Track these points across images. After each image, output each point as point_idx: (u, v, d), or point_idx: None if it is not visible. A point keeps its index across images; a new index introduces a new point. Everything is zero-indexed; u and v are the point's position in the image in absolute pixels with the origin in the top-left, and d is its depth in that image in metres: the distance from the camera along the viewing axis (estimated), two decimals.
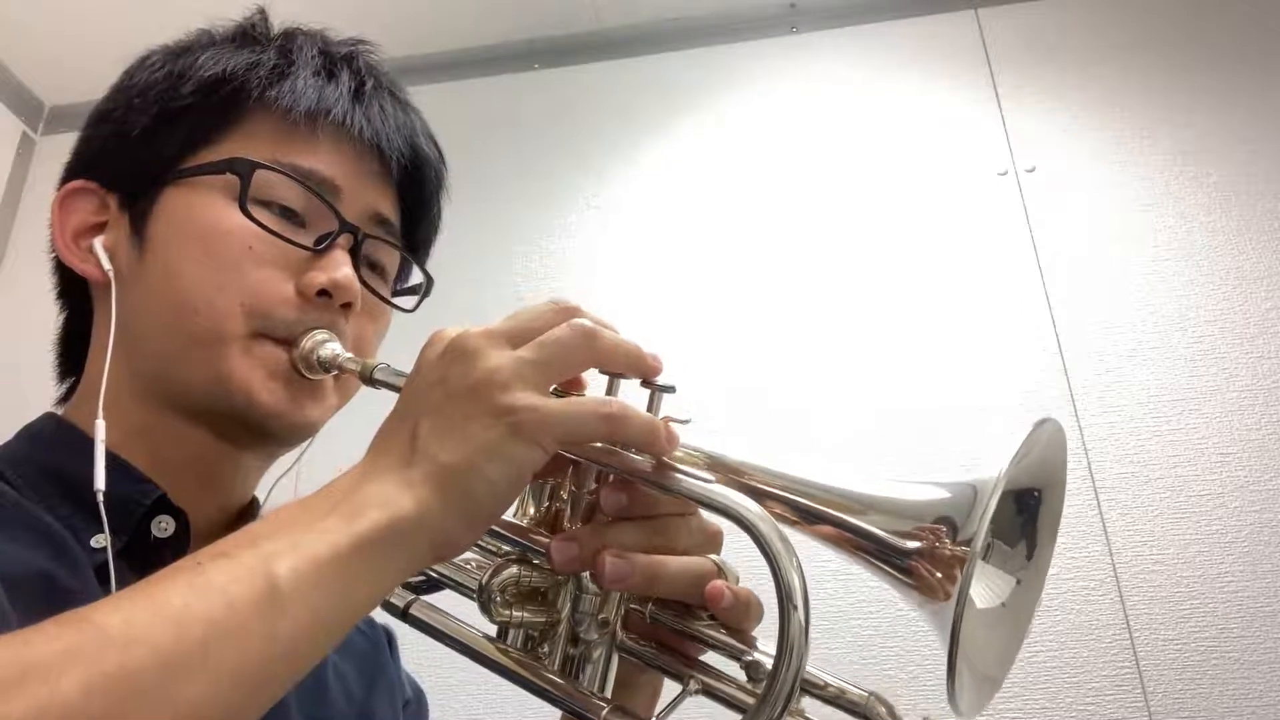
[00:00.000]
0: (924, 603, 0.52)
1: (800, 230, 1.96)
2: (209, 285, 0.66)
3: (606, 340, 0.54)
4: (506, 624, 0.60)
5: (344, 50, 0.77)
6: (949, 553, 0.50)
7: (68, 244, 0.71)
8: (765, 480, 0.57)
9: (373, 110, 0.74)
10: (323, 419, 0.71)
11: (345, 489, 0.51)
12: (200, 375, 0.66)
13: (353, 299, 0.69)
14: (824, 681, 0.55)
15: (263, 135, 0.70)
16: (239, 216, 0.67)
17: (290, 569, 0.45)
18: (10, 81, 2.32)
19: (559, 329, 0.54)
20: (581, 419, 0.52)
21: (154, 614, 0.42)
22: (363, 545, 0.47)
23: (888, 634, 1.55)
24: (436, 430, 0.51)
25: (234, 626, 0.43)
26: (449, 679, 1.56)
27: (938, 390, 1.73)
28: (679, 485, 0.53)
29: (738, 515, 0.51)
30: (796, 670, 0.49)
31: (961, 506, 0.51)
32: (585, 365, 0.55)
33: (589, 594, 0.58)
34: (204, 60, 0.72)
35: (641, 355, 0.56)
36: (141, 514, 0.64)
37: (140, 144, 0.70)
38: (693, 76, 2.20)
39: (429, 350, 0.55)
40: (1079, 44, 2.04)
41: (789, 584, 0.49)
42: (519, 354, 0.52)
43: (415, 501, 0.49)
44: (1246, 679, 1.44)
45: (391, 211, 0.77)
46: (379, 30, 0.84)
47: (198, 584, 0.44)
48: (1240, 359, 1.68)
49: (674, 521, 0.58)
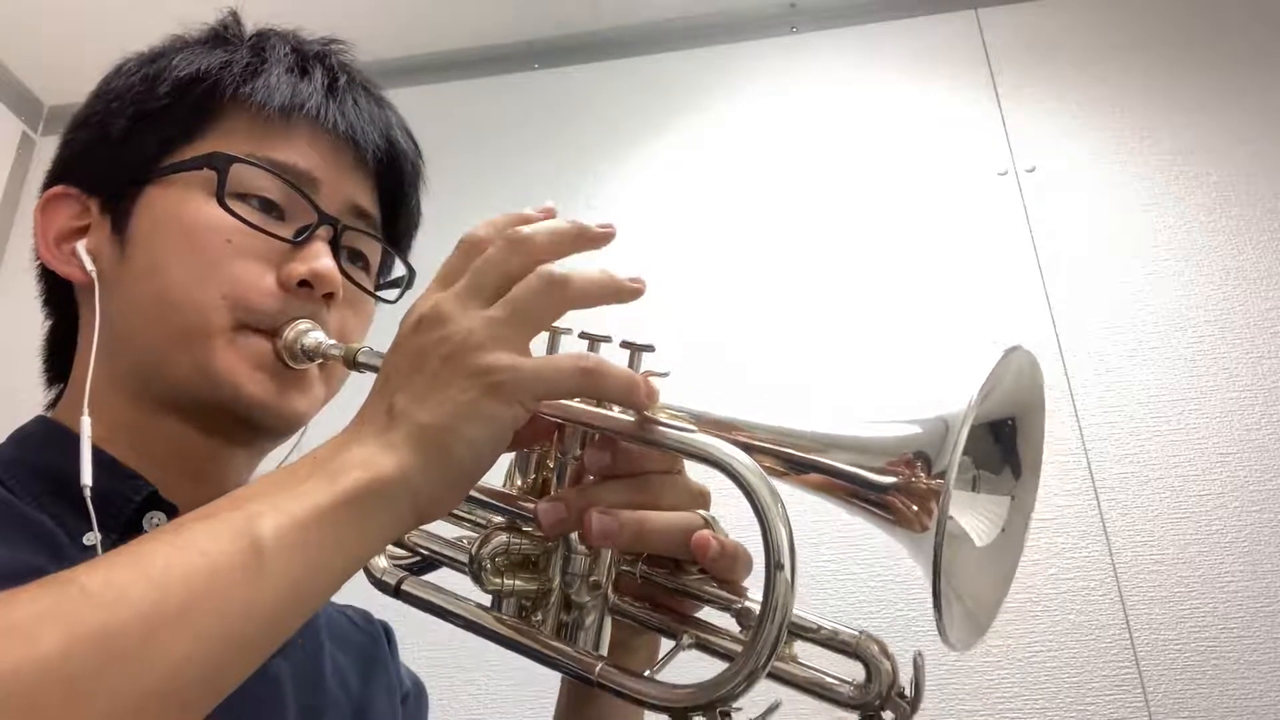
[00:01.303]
0: (908, 538, 0.52)
1: (800, 230, 1.96)
2: (190, 279, 0.66)
3: (578, 282, 0.54)
4: (499, 592, 0.60)
5: (316, 48, 0.77)
6: (924, 486, 0.51)
7: (51, 249, 0.72)
8: (747, 433, 0.57)
9: (346, 104, 0.75)
10: (310, 410, 0.72)
11: (327, 453, 0.51)
12: (186, 369, 0.66)
13: (334, 289, 0.70)
14: (815, 624, 0.55)
15: (239, 132, 0.71)
16: (218, 210, 0.67)
17: (273, 529, 0.45)
18: (10, 81, 2.32)
19: (526, 281, 0.53)
20: (559, 375, 0.52)
21: (136, 574, 0.42)
22: (345, 505, 0.47)
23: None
24: (416, 395, 0.51)
25: (217, 587, 0.43)
26: (451, 679, 1.56)
27: (938, 390, 1.73)
28: (661, 437, 0.53)
29: (721, 461, 0.51)
30: (783, 616, 0.49)
31: (934, 440, 0.52)
32: (560, 312, 0.55)
33: (578, 555, 0.58)
34: (178, 61, 0.72)
35: (617, 281, 0.56)
36: (133, 510, 0.64)
37: (119, 146, 0.71)
38: (693, 76, 2.20)
39: (405, 322, 0.56)
40: (1079, 44, 2.04)
41: (774, 530, 0.50)
42: (490, 313, 0.52)
43: (396, 461, 0.49)
44: (1246, 679, 1.44)
45: (370, 204, 0.77)
46: (379, 30, 0.84)
47: (179, 544, 0.44)
48: (1240, 359, 1.68)
49: (660, 479, 0.58)
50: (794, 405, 1.76)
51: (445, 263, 0.57)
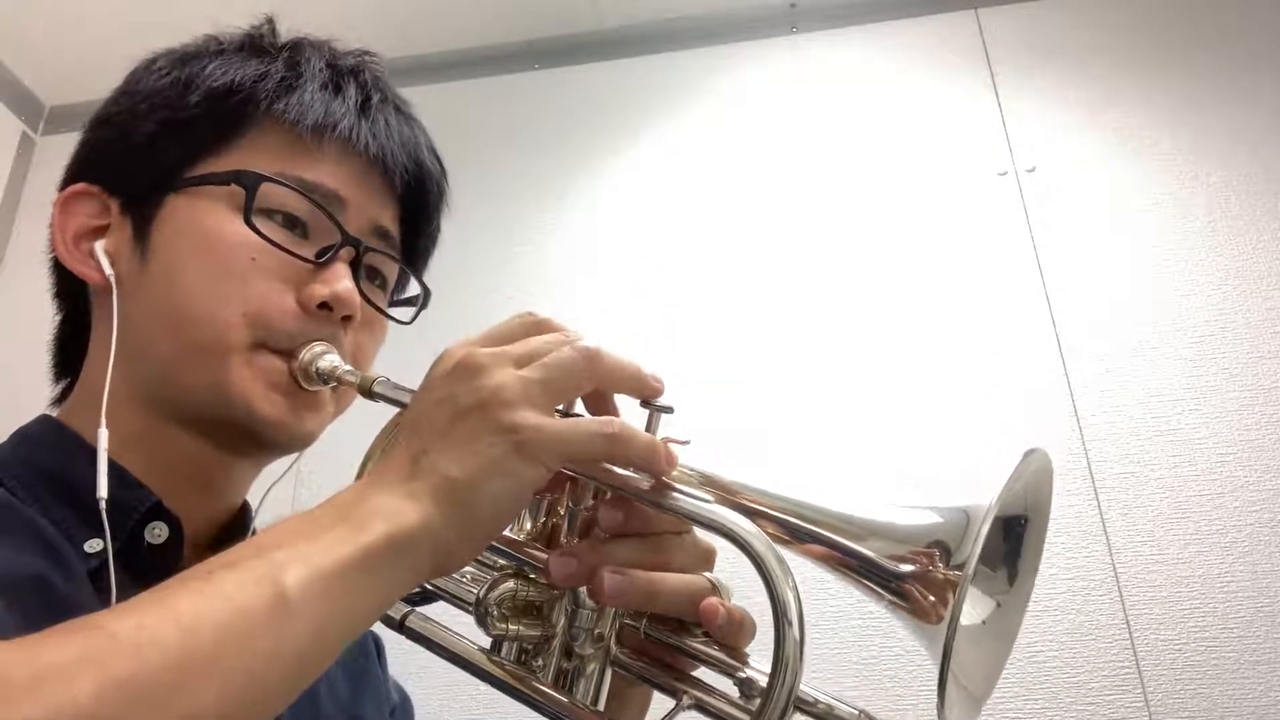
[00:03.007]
0: (916, 625, 0.53)
1: (800, 231, 1.96)
2: (212, 296, 0.67)
3: (608, 362, 0.56)
4: (502, 637, 0.60)
5: (350, 62, 0.77)
6: (942, 576, 0.52)
7: (68, 246, 0.71)
8: (759, 500, 0.58)
9: (378, 125, 0.75)
10: (319, 429, 0.72)
11: (351, 501, 0.51)
12: (201, 384, 0.67)
13: (353, 312, 0.70)
14: (814, 699, 0.56)
15: (268, 147, 0.71)
16: (243, 228, 0.67)
17: (298, 579, 0.45)
18: (10, 81, 2.32)
19: (563, 350, 0.55)
20: (584, 439, 0.53)
21: (165, 620, 0.42)
22: (368, 556, 0.48)
23: (888, 634, 1.55)
24: (441, 445, 0.52)
25: (244, 634, 0.43)
26: (451, 675, 1.56)
27: (938, 391, 1.73)
28: (677, 504, 0.55)
29: (733, 533, 0.52)
30: (791, 687, 0.50)
31: (954, 531, 0.52)
32: (589, 386, 0.56)
33: (585, 609, 0.59)
34: (212, 69, 0.72)
35: (642, 376, 0.57)
36: (136, 520, 0.64)
37: (144, 150, 0.71)
38: (693, 76, 2.20)
39: (438, 367, 0.56)
40: (1079, 44, 2.04)
41: (784, 601, 0.50)
42: (524, 374, 0.54)
43: (419, 514, 0.50)
44: (1246, 679, 1.44)
45: (393, 224, 0.77)
46: (379, 30, 0.84)
47: (208, 592, 0.44)
48: (1240, 359, 1.68)
49: (670, 539, 0.59)
50: (791, 403, 1.76)
51: (498, 324, 0.58)
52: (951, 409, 1.71)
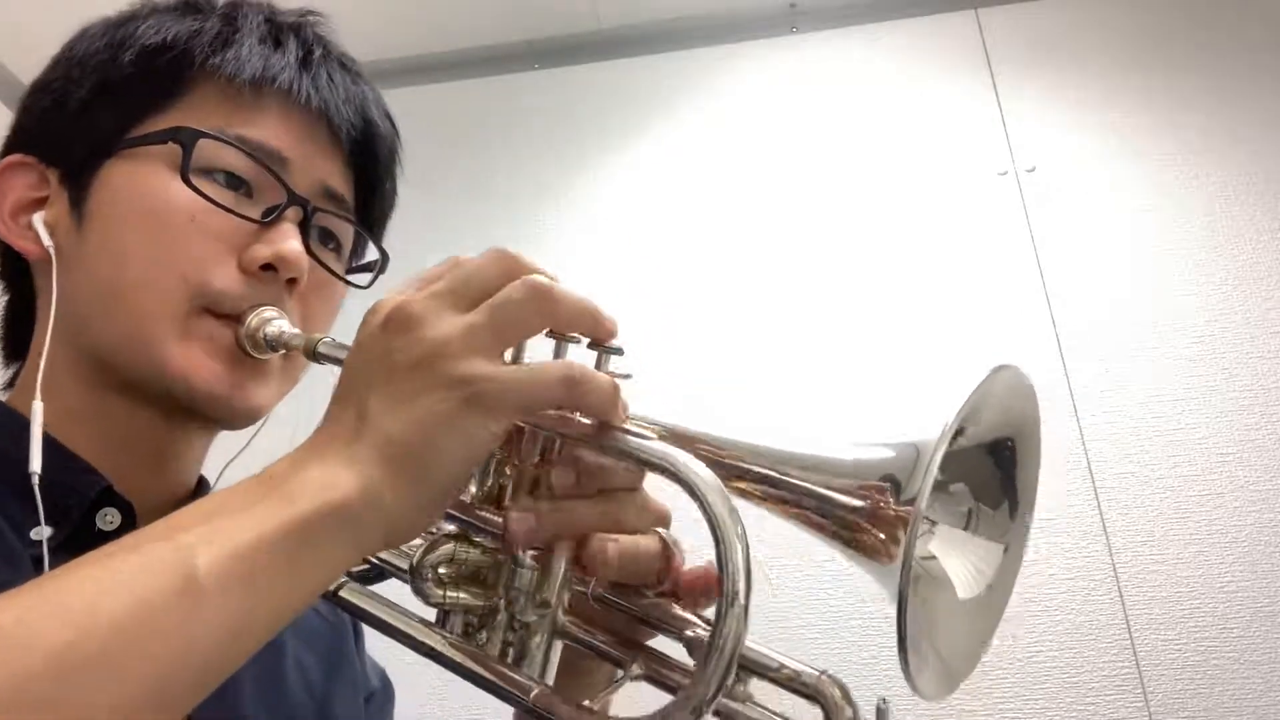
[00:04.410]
0: (877, 571, 0.48)
1: (801, 230, 1.96)
2: (149, 260, 0.63)
3: (563, 300, 0.50)
4: (442, 606, 0.55)
5: (291, 19, 0.73)
6: (892, 512, 0.47)
7: (6, 221, 0.68)
8: (711, 446, 0.53)
9: (321, 79, 0.71)
10: (269, 402, 0.68)
11: (283, 472, 0.46)
12: (139, 355, 0.63)
13: (299, 274, 0.66)
14: (776, 663, 0.51)
15: (207, 105, 0.67)
16: (181, 188, 0.64)
17: (211, 561, 0.41)
18: (10, 81, 2.32)
19: (511, 288, 0.49)
20: (542, 385, 0.48)
21: (51, 614, 0.38)
22: (300, 531, 0.43)
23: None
24: (385, 405, 0.47)
25: (145, 628, 0.39)
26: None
27: (938, 391, 1.73)
28: (623, 444, 0.49)
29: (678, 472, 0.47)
30: (733, 647, 0.44)
31: (905, 464, 0.47)
32: (541, 327, 0.50)
33: (525, 569, 0.54)
34: (144, 29, 0.68)
35: (599, 316, 0.51)
36: (86, 506, 0.61)
37: (79, 116, 0.67)
38: (693, 76, 2.20)
39: (370, 320, 0.51)
40: (1079, 44, 2.04)
41: (730, 549, 0.45)
42: (469, 319, 0.48)
43: (361, 482, 0.45)
44: (1246, 679, 1.44)
45: (343, 186, 0.73)
46: (378, 30, 0.83)
47: (104, 580, 0.40)
48: (1240, 359, 1.68)
49: (624, 495, 0.54)
50: (790, 402, 1.76)
51: (426, 270, 0.53)
52: (952, 409, 1.70)
